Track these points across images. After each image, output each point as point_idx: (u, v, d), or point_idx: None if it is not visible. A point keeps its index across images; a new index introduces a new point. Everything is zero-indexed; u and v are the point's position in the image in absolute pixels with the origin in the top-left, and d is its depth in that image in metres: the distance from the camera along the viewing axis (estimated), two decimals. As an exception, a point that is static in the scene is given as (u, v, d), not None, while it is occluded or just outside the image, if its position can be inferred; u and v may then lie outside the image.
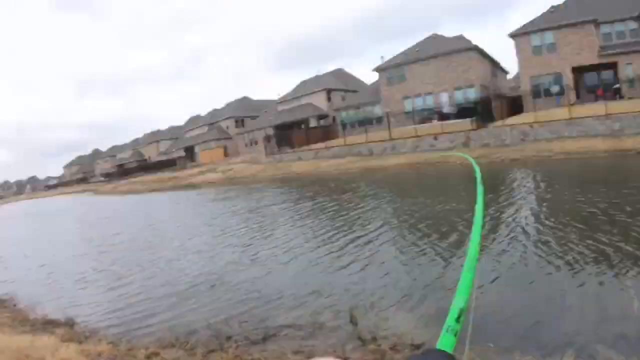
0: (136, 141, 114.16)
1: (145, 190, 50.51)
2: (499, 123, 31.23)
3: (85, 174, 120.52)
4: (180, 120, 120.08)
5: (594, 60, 36.05)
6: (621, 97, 32.63)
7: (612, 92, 33.94)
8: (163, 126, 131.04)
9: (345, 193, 22.24)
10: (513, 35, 39.43)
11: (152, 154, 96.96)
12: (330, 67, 72.18)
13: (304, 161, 41.12)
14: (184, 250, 13.68)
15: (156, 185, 52.07)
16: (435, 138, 32.65)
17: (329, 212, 17.25)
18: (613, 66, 35.63)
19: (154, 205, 34.16)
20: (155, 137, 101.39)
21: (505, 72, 54.16)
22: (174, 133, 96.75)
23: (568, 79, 36.46)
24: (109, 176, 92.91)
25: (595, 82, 36.84)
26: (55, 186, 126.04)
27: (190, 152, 78.71)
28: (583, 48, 36.40)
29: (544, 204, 13.64)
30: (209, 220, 19.59)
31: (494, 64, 47.82)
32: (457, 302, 0.39)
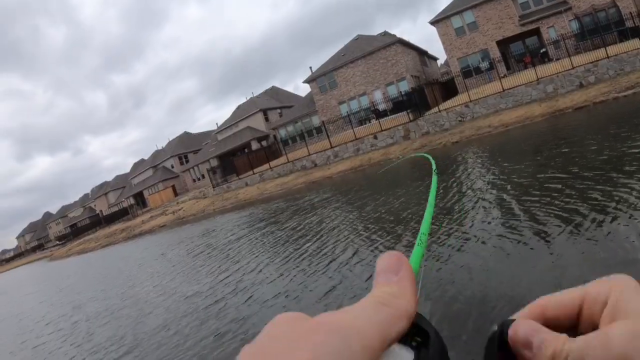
0: (85, 197, 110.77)
1: (98, 247, 48.13)
2: (434, 110, 30.54)
3: (40, 240, 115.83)
4: (126, 168, 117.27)
5: (517, 30, 36.23)
6: (549, 60, 32.64)
7: (540, 57, 33.96)
8: (109, 177, 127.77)
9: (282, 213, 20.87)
10: (434, 22, 39.24)
11: (102, 207, 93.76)
12: (270, 85, 71.03)
13: (251, 186, 39.68)
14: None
15: (109, 240, 49.59)
16: (375, 137, 31.73)
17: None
18: (536, 32, 35.75)
19: (93, 268, 32.10)
20: (103, 189, 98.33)
21: (435, 59, 54.08)
22: (121, 182, 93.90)
23: (494, 53, 36.33)
24: (64, 238, 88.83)
25: (521, 50, 36.86)
26: (12, 258, 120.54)
27: (139, 198, 76.26)
28: (504, 21, 36.48)
29: (481, 180, 13.14)
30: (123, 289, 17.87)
31: (422, 53, 47.62)
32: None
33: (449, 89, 38.81)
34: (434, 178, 1.12)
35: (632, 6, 31.57)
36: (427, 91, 34.00)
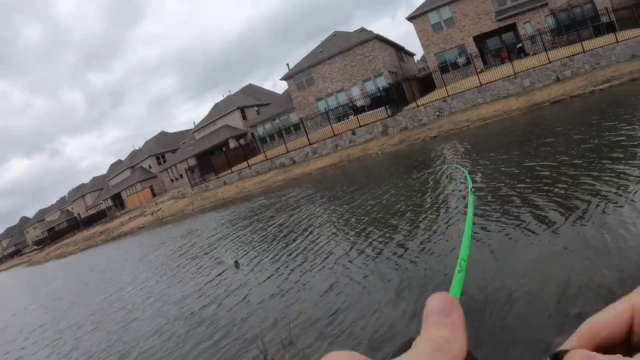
0: (62, 200, 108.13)
1: (77, 250, 47.01)
2: (412, 105, 30.45)
3: (17, 245, 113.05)
4: (104, 169, 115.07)
5: (493, 25, 36.35)
6: (526, 55, 32.79)
7: (517, 52, 34.17)
8: (87, 178, 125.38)
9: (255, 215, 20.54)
10: (411, 18, 39.16)
11: (80, 209, 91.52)
12: (248, 83, 70.38)
13: (229, 185, 39.22)
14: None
15: (87, 243, 48.46)
16: (354, 133, 31.55)
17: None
18: (512, 27, 35.92)
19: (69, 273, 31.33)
20: (80, 192, 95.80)
21: (412, 55, 54.09)
22: (98, 184, 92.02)
23: (471, 48, 36.41)
24: (41, 243, 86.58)
25: (498, 45, 37.05)
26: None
27: (117, 199, 74.98)
28: (480, 16, 36.56)
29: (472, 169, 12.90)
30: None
31: (399, 49, 47.60)
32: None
33: (426, 85, 38.77)
34: (470, 199, 1.02)
35: (607, 2, 31.86)
36: (404, 87, 33.89)
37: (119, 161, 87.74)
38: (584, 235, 6.09)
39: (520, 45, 34.69)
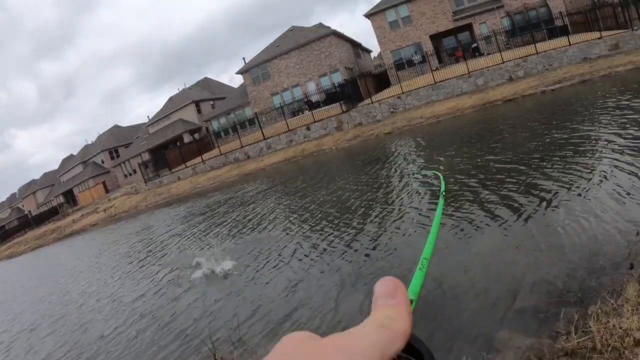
0: (12, 197, 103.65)
1: (28, 250, 44.79)
2: (367, 101, 30.26)
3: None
4: (55, 164, 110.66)
5: (450, 25, 36.56)
6: (480, 54, 32.99)
7: (472, 51, 34.37)
8: (38, 174, 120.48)
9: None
10: (369, 15, 38.96)
11: (31, 207, 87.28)
12: (205, 75, 68.14)
13: (183, 180, 38.15)
14: None
15: (39, 242, 46.19)
16: (308, 128, 31.12)
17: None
18: (468, 28, 36.18)
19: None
20: (31, 188, 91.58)
21: (369, 52, 54.08)
22: (49, 180, 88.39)
23: (427, 47, 36.48)
24: None
25: (454, 44, 37.28)
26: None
27: (70, 196, 72.22)
28: (437, 16, 36.70)
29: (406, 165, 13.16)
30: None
31: (355, 45, 47.39)
32: (409, 294, 0.50)
33: (381, 81, 38.72)
34: (441, 201, 1.04)
35: (562, 6, 32.34)
36: (360, 83, 33.68)
37: (71, 156, 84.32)
38: (533, 229, 6.15)
39: (475, 45, 34.95)
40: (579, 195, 6.83)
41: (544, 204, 6.92)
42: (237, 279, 8.25)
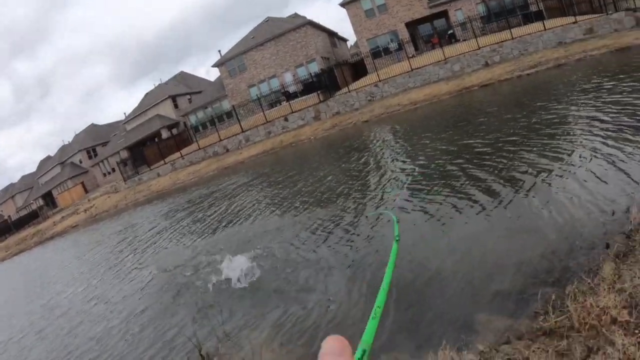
0: None
1: (9, 255, 43.74)
2: (344, 90, 30.17)
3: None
4: (33, 166, 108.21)
5: (425, 12, 36.57)
6: (456, 41, 33.07)
7: (447, 38, 34.46)
8: (15, 178, 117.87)
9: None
10: (344, 4, 38.77)
11: (10, 211, 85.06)
12: (180, 70, 67.12)
13: (163, 176, 37.66)
14: None
15: (20, 247, 45.17)
16: (286, 119, 30.97)
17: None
18: (444, 14, 36.21)
19: None
20: (9, 192, 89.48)
21: (345, 40, 53.86)
22: (28, 182, 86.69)
23: (403, 34, 36.44)
24: None
25: (430, 31, 37.30)
26: None
27: (49, 198, 70.97)
28: (413, 3, 36.71)
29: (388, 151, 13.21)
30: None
31: (332, 35, 47.16)
32: (363, 345, 0.51)
33: (358, 70, 38.67)
34: (394, 246, 1.02)
35: (536, -9, 32.47)
36: (337, 72, 33.56)
37: (49, 157, 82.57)
38: (511, 212, 6.24)
39: (451, 31, 34.98)
40: (557, 176, 6.86)
41: (521, 187, 6.95)
42: (225, 270, 8.12)
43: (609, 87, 12.03)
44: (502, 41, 25.00)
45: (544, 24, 24.80)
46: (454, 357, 3.59)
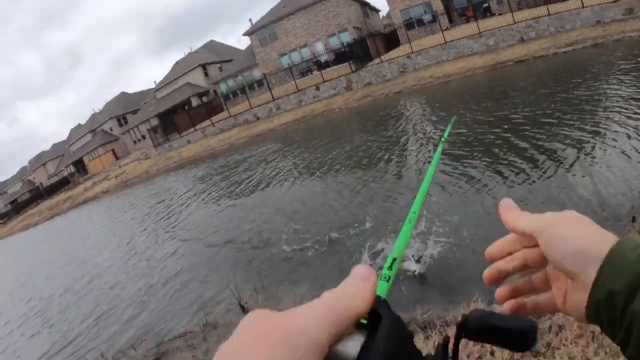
0: (23, 169, 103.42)
1: (42, 220, 45.08)
2: (377, 61, 30.23)
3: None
4: (64, 135, 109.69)
5: (461, -16, 35.95)
6: (491, 15, 32.65)
7: (483, 11, 34.06)
8: (47, 146, 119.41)
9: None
10: (378, -26, 38.47)
11: (42, 178, 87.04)
12: (212, 37, 66.98)
13: (193, 143, 38.31)
14: None
15: (52, 212, 46.50)
16: (317, 88, 31.19)
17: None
18: (480, -14, 35.74)
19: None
20: (40, 160, 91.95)
21: (377, 11, 53.63)
22: (59, 150, 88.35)
23: (437, 6, 36.06)
24: (5, 216, 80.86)
25: (465, 4, 36.79)
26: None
27: (80, 165, 72.48)
28: (447, -26, 36.16)
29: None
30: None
31: (364, 5, 46.87)
32: (393, 253, 0.49)
33: (391, 41, 38.46)
34: (440, 147, 0.96)
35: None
36: (369, 42, 33.55)
37: (79, 125, 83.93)
38: (539, 186, 6.33)
39: (486, 4, 34.62)
40: (587, 153, 6.95)
41: (552, 161, 7.05)
42: (265, 227, 8.57)
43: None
44: (539, 17, 24.64)
45: (582, 1, 24.43)
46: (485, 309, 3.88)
